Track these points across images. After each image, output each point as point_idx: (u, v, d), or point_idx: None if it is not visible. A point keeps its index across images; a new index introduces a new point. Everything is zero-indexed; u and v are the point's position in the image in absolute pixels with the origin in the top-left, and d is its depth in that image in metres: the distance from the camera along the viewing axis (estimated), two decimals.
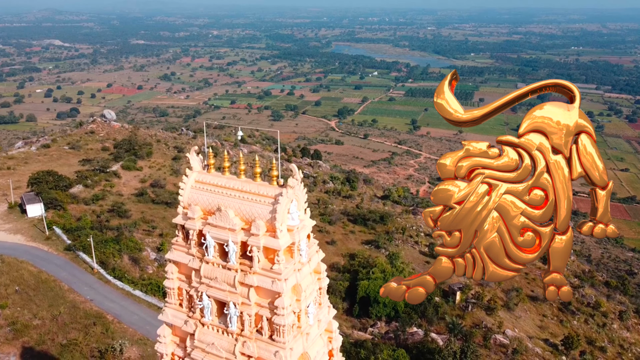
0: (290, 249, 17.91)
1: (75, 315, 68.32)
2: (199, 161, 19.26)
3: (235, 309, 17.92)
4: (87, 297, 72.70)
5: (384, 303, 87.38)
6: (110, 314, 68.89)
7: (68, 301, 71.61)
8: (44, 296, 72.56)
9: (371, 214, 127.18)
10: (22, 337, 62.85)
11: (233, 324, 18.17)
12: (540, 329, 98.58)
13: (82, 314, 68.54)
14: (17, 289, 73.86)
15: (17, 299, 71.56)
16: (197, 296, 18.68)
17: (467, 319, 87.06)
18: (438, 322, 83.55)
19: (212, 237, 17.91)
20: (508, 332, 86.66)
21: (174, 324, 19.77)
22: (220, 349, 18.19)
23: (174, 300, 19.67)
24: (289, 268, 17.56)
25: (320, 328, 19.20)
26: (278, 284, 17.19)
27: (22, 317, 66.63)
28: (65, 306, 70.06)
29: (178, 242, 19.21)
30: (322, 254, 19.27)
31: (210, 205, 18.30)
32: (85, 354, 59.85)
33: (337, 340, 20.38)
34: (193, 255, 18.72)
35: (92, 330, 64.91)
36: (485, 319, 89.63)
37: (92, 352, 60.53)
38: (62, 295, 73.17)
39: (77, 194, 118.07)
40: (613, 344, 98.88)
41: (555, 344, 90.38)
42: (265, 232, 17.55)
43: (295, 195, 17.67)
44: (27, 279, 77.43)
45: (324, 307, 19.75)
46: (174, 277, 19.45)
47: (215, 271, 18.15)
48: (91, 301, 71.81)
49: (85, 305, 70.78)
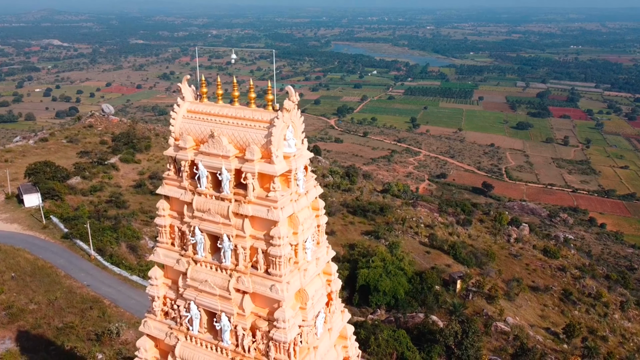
0: (287, 178, 17.13)
1: (72, 300, 67.50)
2: (191, 92, 18.51)
3: (229, 242, 17.15)
4: (83, 282, 71.92)
5: (384, 291, 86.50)
6: (107, 298, 68.10)
7: (64, 287, 70.80)
8: (40, 282, 71.74)
9: (371, 206, 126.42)
10: (18, 322, 61.98)
11: (227, 258, 17.40)
12: (541, 318, 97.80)
13: (79, 299, 67.73)
14: (13, 276, 73.06)
15: (13, 285, 70.74)
16: (190, 231, 17.90)
17: (467, 307, 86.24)
18: (438, 310, 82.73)
19: (205, 166, 17.13)
20: (509, 320, 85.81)
21: (165, 264, 19.01)
22: (214, 286, 17.44)
23: (166, 239, 18.91)
24: (285, 196, 16.78)
25: (318, 267, 18.44)
26: (274, 212, 16.40)
27: (17, 302, 65.81)
28: (62, 291, 69.25)
29: (169, 177, 18.43)
30: (320, 189, 18.52)
31: (203, 134, 17.52)
32: (81, 337, 59.03)
33: (336, 283, 19.65)
34: (185, 188, 17.94)
35: (89, 314, 64.13)
36: (486, 307, 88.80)
37: (89, 335, 59.71)
38: (58, 281, 72.35)
39: (74, 185, 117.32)
40: (614, 334, 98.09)
41: (557, 332, 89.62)
42: (261, 158, 16.77)
43: (291, 121, 16.91)
44: (24, 265, 76.62)
45: (323, 246, 19.00)
46: (166, 214, 18.69)
47: (208, 203, 17.37)
48: (88, 286, 71.02)
49: (82, 291, 69.97)
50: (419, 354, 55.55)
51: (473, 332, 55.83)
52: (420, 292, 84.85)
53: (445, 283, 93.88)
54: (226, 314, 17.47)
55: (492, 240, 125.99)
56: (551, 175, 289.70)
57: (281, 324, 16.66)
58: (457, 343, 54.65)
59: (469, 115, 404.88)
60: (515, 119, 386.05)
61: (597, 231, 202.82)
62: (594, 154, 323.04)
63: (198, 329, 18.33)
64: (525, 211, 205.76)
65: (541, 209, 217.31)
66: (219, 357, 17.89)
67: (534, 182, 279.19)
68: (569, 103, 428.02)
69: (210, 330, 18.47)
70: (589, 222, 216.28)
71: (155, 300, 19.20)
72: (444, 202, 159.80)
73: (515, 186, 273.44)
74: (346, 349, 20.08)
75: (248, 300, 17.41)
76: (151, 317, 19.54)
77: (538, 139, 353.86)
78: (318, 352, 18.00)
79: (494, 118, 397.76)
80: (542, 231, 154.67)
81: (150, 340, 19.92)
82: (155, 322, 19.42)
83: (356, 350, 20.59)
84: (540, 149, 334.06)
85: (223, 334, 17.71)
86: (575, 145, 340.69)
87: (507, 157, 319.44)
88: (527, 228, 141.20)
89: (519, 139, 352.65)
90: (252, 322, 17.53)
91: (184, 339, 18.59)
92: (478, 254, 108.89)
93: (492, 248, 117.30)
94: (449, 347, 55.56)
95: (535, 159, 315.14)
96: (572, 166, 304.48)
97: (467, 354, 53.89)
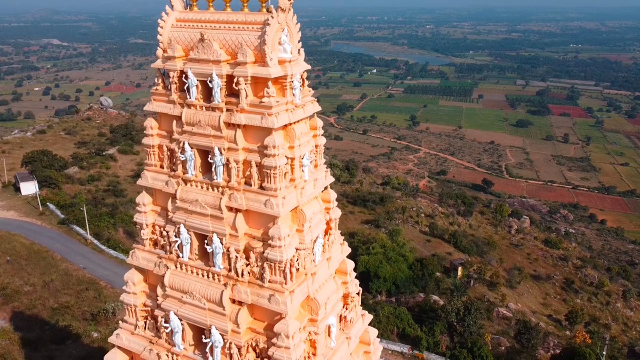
0: (282, 86, 16.09)
1: (68, 282, 66.51)
2: (180, 0, 17.48)
3: (221, 157, 16.09)
4: (80, 265, 70.93)
5: (384, 278, 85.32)
6: (103, 280, 67.13)
7: (60, 269, 69.80)
8: (36, 265, 70.75)
9: (371, 195, 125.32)
10: (12, 303, 60.94)
11: (218, 175, 16.36)
12: (543, 306, 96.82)
13: (75, 281, 66.73)
14: (9, 259, 72.04)
15: (8, 268, 69.73)
16: (179, 148, 16.85)
17: (469, 293, 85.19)
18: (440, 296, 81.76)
19: (195, 74, 16.07)
20: (511, 306, 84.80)
21: (153, 188, 17.98)
22: (205, 206, 16.40)
23: (154, 160, 17.85)
24: (280, 103, 15.74)
25: (316, 189, 17.39)
26: (268, 119, 15.36)
27: (12, 284, 64.78)
28: (58, 274, 68.25)
29: (157, 92, 17.41)
30: (318, 106, 17.52)
31: (193, 41, 16.46)
32: (76, 317, 58.02)
33: (336, 212, 18.64)
34: (174, 102, 16.90)
35: (85, 294, 63.12)
36: (488, 294, 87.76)
37: (84, 314, 58.71)
38: (54, 264, 71.36)
39: (72, 174, 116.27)
40: (617, 322, 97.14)
41: (559, 319, 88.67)
42: (254, 62, 15.71)
43: (287, 24, 15.87)
44: (19, 250, 75.64)
45: (321, 169, 17.98)
46: (154, 134, 17.67)
47: (198, 114, 16.33)
48: (84, 269, 70.04)
49: (78, 273, 68.98)
50: (420, 331, 54.51)
51: (475, 309, 54.76)
52: (421, 279, 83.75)
53: (446, 270, 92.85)
54: (218, 235, 16.45)
55: (493, 231, 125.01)
56: (551, 172, 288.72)
57: (276, 242, 15.63)
58: (460, 320, 53.57)
59: (469, 113, 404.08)
60: (515, 116, 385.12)
61: (597, 227, 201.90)
62: (594, 151, 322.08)
63: (188, 255, 17.29)
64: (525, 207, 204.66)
65: (541, 205, 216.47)
66: (210, 283, 16.87)
67: (534, 179, 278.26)
68: (568, 101, 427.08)
69: (202, 256, 17.45)
70: (590, 218, 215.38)
71: (143, 228, 18.18)
72: (444, 194, 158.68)
73: (515, 183, 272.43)
74: (346, 285, 19.08)
75: (241, 219, 16.38)
76: (139, 247, 18.53)
77: (538, 136, 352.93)
78: (316, 279, 16.99)
79: (493, 116, 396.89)
80: (542, 225, 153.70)
81: (139, 274, 18.92)
82: (144, 253, 18.40)
83: (356, 288, 19.60)
84: (540, 147, 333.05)
85: (215, 257, 16.69)
86: (575, 142, 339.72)
87: (507, 154, 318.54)
88: (528, 220, 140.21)
89: (519, 136, 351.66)
90: (246, 244, 16.50)
91: (173, 267, 17.56)
92: (479, 243, 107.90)
93: (493, 238, 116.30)
94: (451, 325, 54.47)
95: (535, 156, 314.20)
96: (572, 163, 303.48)
97: (469, 330, 52.78)
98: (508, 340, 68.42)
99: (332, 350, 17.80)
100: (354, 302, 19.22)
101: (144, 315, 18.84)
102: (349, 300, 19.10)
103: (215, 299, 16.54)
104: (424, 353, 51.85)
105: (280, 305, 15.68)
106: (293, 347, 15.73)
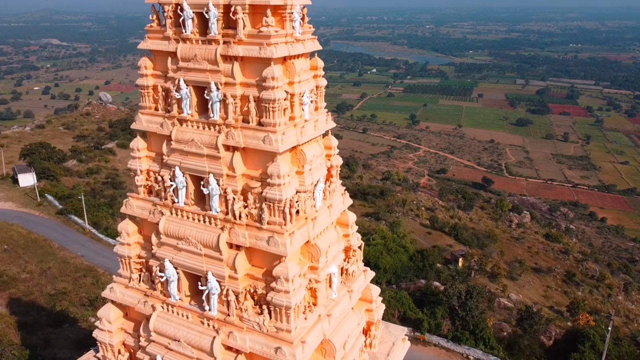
0: (282, 17, 15.45)
1: (65, 269, 65.85)
2: None
3: (218, 92, 15.47)
4: (77, 253, 70.29)
5: (385, 269, 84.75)
6: (101, 267, 66.46)
7: (58, 257, 69.16)
8: (34, 253, 70.10)
9: (371, 189, 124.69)
10: (9, 289, 60.32)
11: (215, 112, 15.74)
12: (544, 297, 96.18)
13: (72, 268, 66.06)
14: (6, 248, 71.41)
15: (5, 256, 69.11)
16: (174, 86, 16.23)
17: (470, 284, 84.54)
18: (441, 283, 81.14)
19: (190, 5, 15.42)
20: (512, 297, 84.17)
21: (148, 133, 17.36)
22: (201, 145, 15.77)
23: (149, 102, 17.25)
24: (279, 34, 15.11)
25: (317, 130, 16.74)
26: (267, 49, 14.74)
27: (9, 272, 64.15)
28: (55, 262, 67.62)
29: (152, 29, 16.80)
30: (319, 45, 16.90)
31: None
32: (74, 303, 57.36)
33: (337, 159, 18.04)
34: (169, 37, 16.29)
35: (82, 281, 62.44)
36: (489, 285, 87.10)
37: (82, 300, 58.04)
38: (52, 253, 70.73)
39: (70, 167, 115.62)
40: (619, 315, 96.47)
41: (561, 310, 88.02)
42: None
43: None
44: (17, 239, 75.02)
45: (322, 112, 17.36)
46: (148, 74, 17.07)
47: (194, 49, 15.71)
48: (82, 257, 69.40)
49: (75, 261, 68.32)
50: (422, 313, 53.85)
51: (477, 293, 54.12)
52: (422, 269, 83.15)
53: (447, 262, 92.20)
54: (215, 177, 15.81)
55: (494, 225, 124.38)
56: (551, 171, 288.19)
57: (275, 180, 14.99)
58: (461, 304, 52.90)
59: (469, 112, 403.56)
60: (515, 115, 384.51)
61: (597, 225, 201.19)
62: (594, 150, 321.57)
63: (184, 200, 16.66)
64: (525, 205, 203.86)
65: (541, 203, 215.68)
66: (207, 228, 16.24)
67: (534, 178, 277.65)
68: (568, 100, 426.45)
69: (198, 201, 16.83)
70: (590, 216, 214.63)
71: (137, 174, 17.56)
72: (444, 189, 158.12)
73: (515, 181, 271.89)
74: (347, 238, 18.48)
75: (239, 159, 15.74)
76: (133, 195, 17.91)
77: (538, 135, 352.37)
78: (317, 224, 16.37)
79: (493, 115, 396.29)
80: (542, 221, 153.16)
81: (133, 224, 18.30)
82: (138, 201, 17.78)
83: (358, 241, 18.99)
84: (540, 145, 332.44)
85: (211, 200, 16.05)
86: (575, 141, 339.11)
87: (507, 153, 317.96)
88: (529, 215, 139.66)
89: (519, 135, 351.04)
90: (244, 185, 15.87)
91: (169, 214, 16.93)
92: (480, 236, 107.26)
93: (494, 231, 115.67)
94: (453, 309, 53.83)
95: (535, 155, 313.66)
96: (572, 162, 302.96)
97: (471, 314, 52.13)
98: (510, 326, 67.90)
99: (334, 302, 17.20)
100: (355, 255, 18.61)
101: (138, 268, 18.24)
102: (350, 253, 18.48)
103: (212, 244, 15.92)
104: (425, 335, 51.27)
105: (279, 247, 15.07)
106: (293, 291, 15.12)
